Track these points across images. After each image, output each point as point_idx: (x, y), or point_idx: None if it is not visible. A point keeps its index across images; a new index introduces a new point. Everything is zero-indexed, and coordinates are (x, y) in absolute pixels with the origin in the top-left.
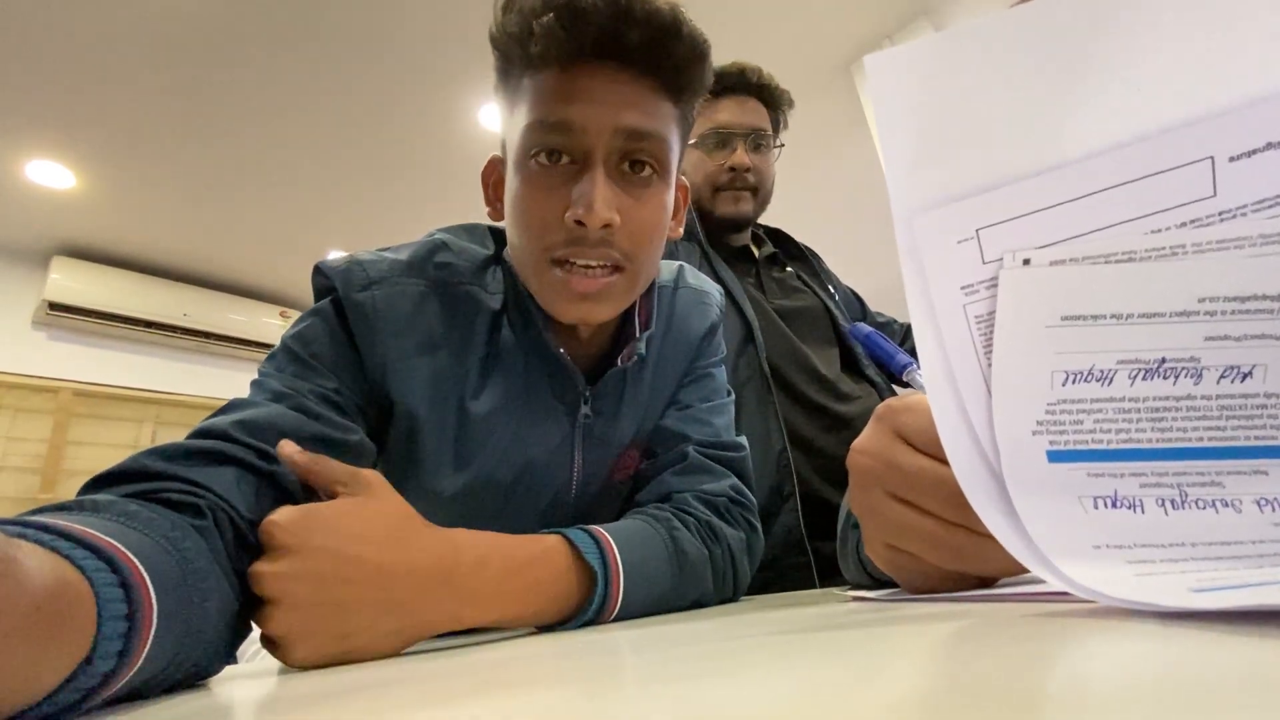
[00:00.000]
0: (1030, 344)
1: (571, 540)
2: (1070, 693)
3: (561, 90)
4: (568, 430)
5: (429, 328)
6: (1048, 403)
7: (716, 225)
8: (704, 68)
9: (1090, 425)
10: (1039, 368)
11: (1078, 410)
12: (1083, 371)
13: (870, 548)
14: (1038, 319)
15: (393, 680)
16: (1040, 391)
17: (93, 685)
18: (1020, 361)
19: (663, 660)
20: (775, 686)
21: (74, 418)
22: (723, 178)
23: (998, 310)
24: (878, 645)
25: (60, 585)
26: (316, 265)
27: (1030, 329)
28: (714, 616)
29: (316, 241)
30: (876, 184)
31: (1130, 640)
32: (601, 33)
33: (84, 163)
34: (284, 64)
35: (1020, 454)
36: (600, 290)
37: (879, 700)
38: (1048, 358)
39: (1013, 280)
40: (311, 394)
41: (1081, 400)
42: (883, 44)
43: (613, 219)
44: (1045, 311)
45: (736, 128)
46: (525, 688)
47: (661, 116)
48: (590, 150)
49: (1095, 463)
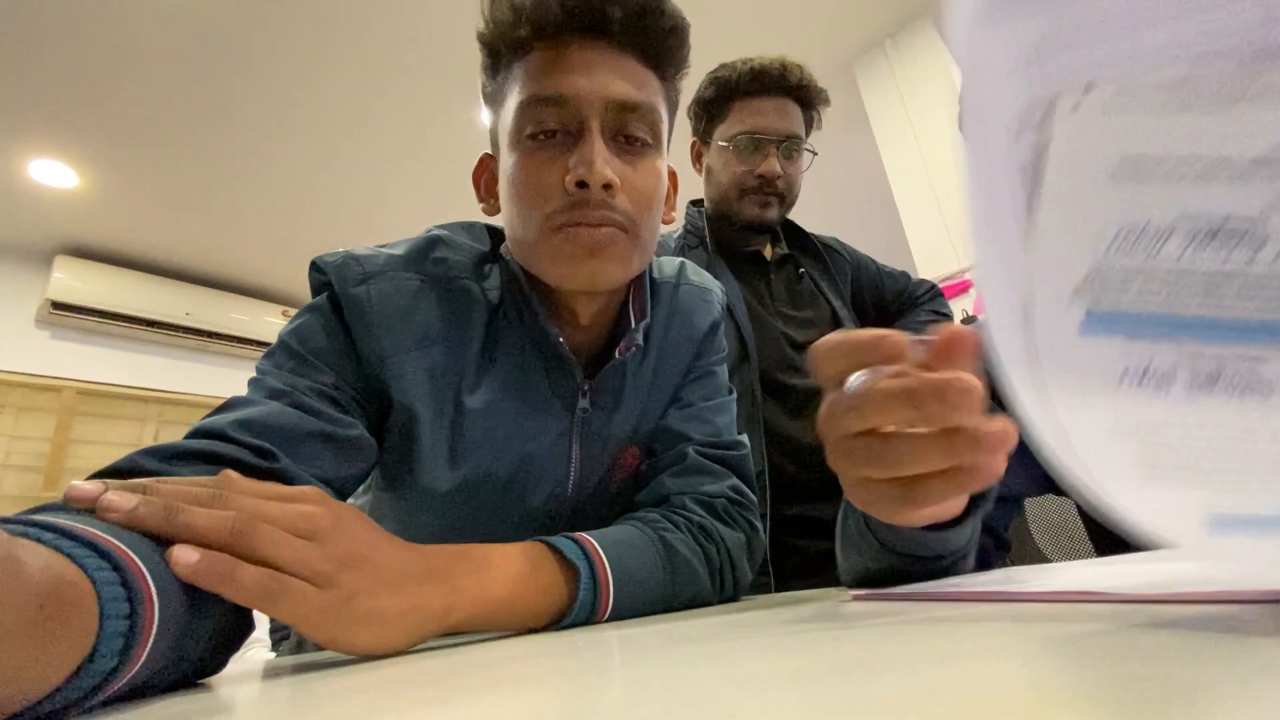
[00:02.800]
0: (1083, 192)
1: (552, 543)
2: (1071, 694)
3: (552, 65)
4: (565, 424)
5: (425, 322)
6: (1094, 259)
7: (738, 228)
8: (684, 42)
9: (1138, 288)
10: (1090, 219)
11: (1126, 271)
12: (1137, 227)
13: (850, 496)
14: (1095, 163)
15: (390, 680)
16: (1087, 247)
17: (95, 683)
18: (1069, 211)
19: (658, 660)
20: (773, 686)
21: (77, 416)
22: (751, 182)
23: (1051, 150)
24: (876, 644)
25: (62, 584)
26: (313, 260)
27: (1085, 174)
28: (711, 615)
29: (319, 241)
30: (877, 185)
31: (1136, 642)
32: (586, 7)
33: (87, 162)
34: (287, 64)
35: (1056, 314)
36: (606, 242)
37: (877, 699)
38: (1101, 208)
39: (1071, 116)
40: (310, 390)
41: (1131, 259)
42: (884, 44)
43: (613, 179)
44: (1104, 155)
45: (771, 134)
46: (520, 687)
47: (650, 88)
48: (584, 120)
49: (1134, 331)
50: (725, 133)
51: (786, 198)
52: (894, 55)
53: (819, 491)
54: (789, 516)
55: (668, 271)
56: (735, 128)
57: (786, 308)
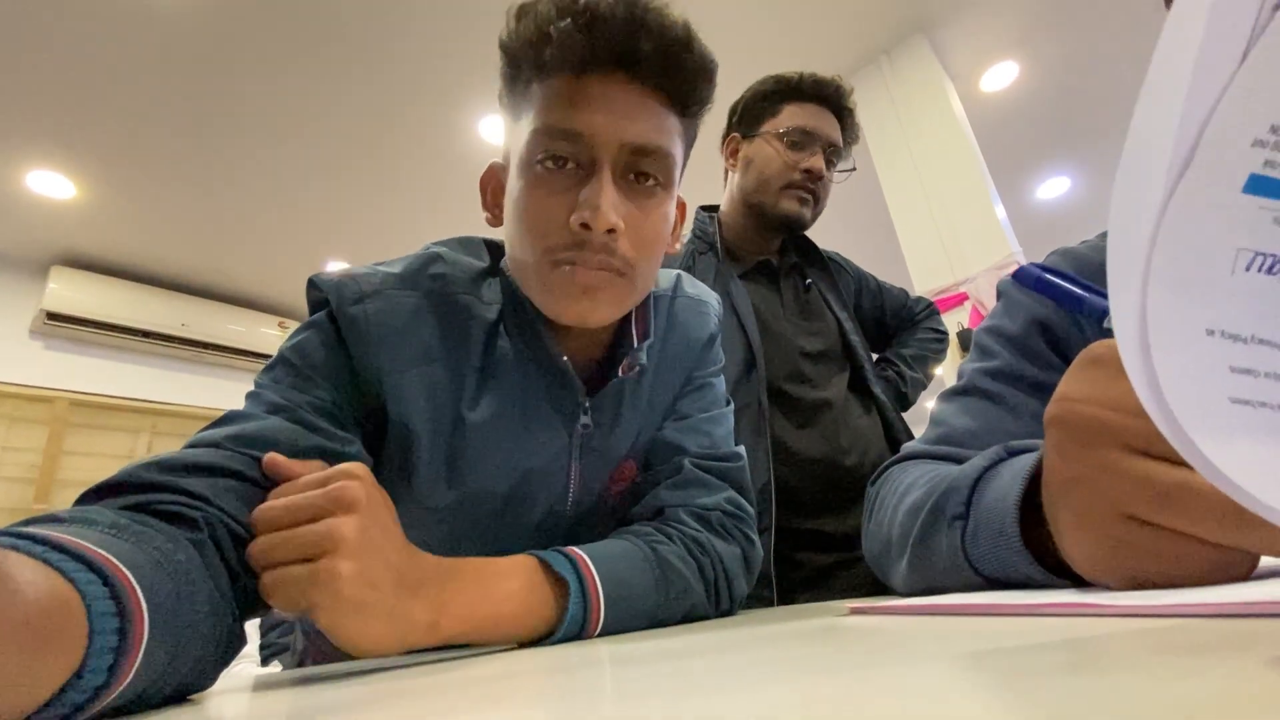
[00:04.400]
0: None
1: (542, 557)
2: (1075, 714)
3: (572, 97)
4: (565, 440)
5: (424, 339)
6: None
7: (769, 222)
8: (711, 83)
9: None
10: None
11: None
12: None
13: (1084, 525)
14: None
15: (381, 696)
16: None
17: (82, 699)
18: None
19: (652, 675)
20: (770, 701)
21: (69, 428)
22: (796, 176)
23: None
24: (877, 660)
25: (52, 598)
26: (311, 279)
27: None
28: (707, 630)
29: (315, 251)
30: (874, 197)
31: (1155, 659)
32: (615, 41)
33: (84, 173)
34: (284, 75)
35: (1223, 160)
36: (601, 285)
37: (875, 717)
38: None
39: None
40: (308, 406)
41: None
42: (879, 60)
43: (618, 224)
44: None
45: (821, 135)
46: (510, 705)
47: (667, 131)
48: (597, 158)
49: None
50: (778, 126)
51: (820, 202)
52: (889, 71)
53: (823, 505)
54: (792, 530)
55: (664, 284)
56: (790, 122)
57: (796, 317)
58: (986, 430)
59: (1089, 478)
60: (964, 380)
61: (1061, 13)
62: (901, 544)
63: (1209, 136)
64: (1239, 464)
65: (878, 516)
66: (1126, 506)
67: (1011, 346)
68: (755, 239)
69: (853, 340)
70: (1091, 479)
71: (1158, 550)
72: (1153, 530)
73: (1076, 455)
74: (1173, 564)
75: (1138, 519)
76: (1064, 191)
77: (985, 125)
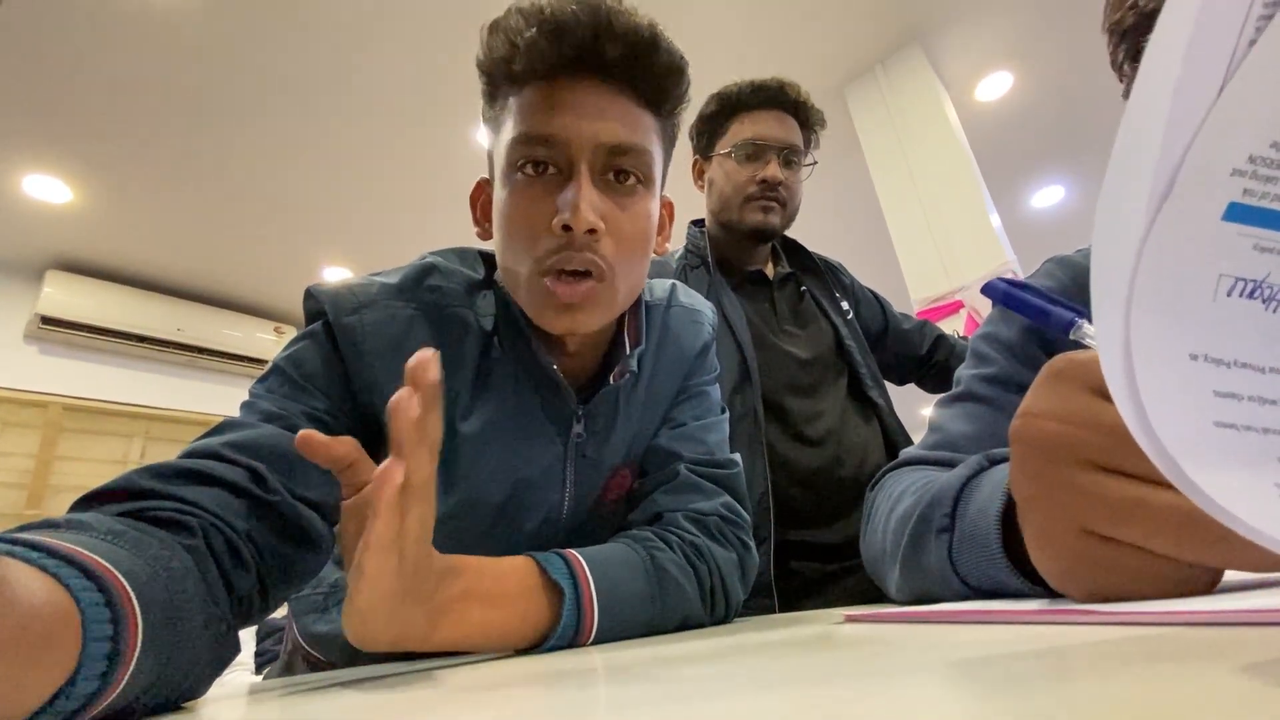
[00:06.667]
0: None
1: (538, 560)
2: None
3: (545, 103)
4: (559, 450)
5: (419, 350)
6: (1272, 142)
7: (740, 237)
8: (682, 81)
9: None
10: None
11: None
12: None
13: (1045, 541)
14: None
15: (376, 705)
16: (1266, 125)
17: (75, 707)
18: (1263, 83)
19: (644, 682)
20: (762, 710)
21: (63, 433)
22: (753, 189)
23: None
24: (868, 669)
25: (46, 604)
26: (307, 289)
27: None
28: (702, 638)
29: (311, 257)
30: (870, 206)
31: (1139, 668)
32: (582, 46)
33: (81, 178)
34: (280, 82)
35: (1203, 188)
36: (583, 298)
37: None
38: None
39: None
40: (303, 415)
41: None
42: (875, 69)
43: (598, 224)
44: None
45: (771, 141)
46: (504, 713)
47: (643, 129)
48: (574, 161)
49: (1273, 232)
50: (727, 143)
51: (788, 206)
52: (884, 80)
53: (818, 516)
54: (788, 541)
55: (658, 294)
56: (737, 137)
57: (791, 326)
58: (983, 435)
59: (1048, 493)
60: (961, 386)
61: (1056, 22)
62: (894, 553)
63: (1189, 166)
64: (1224, 487)
65: (873, 523)
66: (1085, 521)
67: (1007, 352)
68: (739, 252)
69: (849, 345)
70: (1051, 494)
71: (1117, 565)
72: (1113, 545)
73: (1037, 471)
74: (1132, 578)
75: (1097, 534)
76: (1059, 200)
77: (980, 134)
